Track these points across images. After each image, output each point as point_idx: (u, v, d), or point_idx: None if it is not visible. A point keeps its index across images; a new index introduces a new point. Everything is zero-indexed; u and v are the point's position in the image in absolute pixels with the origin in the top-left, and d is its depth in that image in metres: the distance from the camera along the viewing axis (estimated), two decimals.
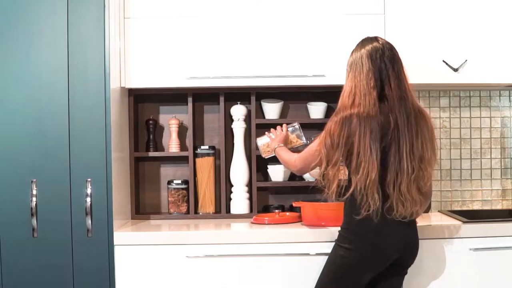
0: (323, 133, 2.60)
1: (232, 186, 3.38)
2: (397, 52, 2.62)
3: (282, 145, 3.05)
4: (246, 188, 3.36)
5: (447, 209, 3.47)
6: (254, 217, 3.18)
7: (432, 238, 2.89)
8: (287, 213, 3.23)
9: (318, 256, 2.79)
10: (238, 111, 3.35)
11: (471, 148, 3.52)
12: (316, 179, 2.63)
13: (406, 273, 2.71)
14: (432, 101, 3.50)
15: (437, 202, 3.50)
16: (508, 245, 2.89)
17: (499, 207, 3.52)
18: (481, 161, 3.53)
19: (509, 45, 3.15)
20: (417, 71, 3.06)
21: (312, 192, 2.68)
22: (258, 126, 3.33)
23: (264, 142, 3.19)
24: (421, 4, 3.14)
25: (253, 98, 3.33)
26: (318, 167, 2.68)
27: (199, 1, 3.13)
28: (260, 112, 3.44)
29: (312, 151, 2.70)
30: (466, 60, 3.13)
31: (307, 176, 3.30)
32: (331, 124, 2.57)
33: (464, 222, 2.98)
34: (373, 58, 2.58)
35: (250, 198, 3.37)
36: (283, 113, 3.45)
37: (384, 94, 2.56)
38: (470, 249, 2.89)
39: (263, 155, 3.20)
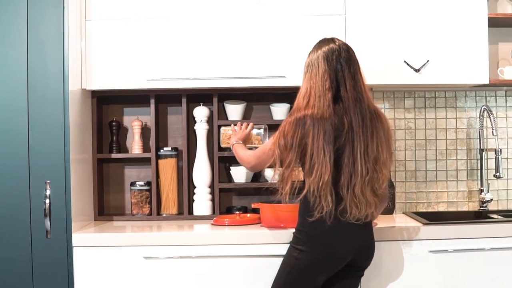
0: (277, 133, 2.59)
1: (195, 187, 3.37)
2: (354, 53, 2.61)
3: (241, 142, 3.05)
4: (208, 190, 3.36)
5: (411, 211, 3.46)
6: (214, 218, 3.17)
7: (391, 240, 2.87)
8: (248, 215, 3.21)
9: (277, 258, 2.74)
10: (201, 113, 3.34)
11: (436, 149, 3.51)
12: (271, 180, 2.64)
13: (362, 274, 2.70)
14: (397, 102, 3.49)
15: (402, 203, 3.48)
16: (467, 248, 2.87)
17: (465, 208, 3.50)
18: (446, 162, 3.51)
19: (470, 47, 3.13)
20: (379, 71, 3.09)
21: (270, 193, 2.66)
22: (221, 127, 3.31)
23: (227, 133, 3.23)
24: (382, 4, 3.12)
25: (215, 100, 3.31)
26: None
27: (160, 4, 3.12)
28: (224, 113, 3.43)
29: (266, 149, 2.70)
30: (427, 61, 3.11)
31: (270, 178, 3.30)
32: (285, 124, 2.57)
33: (424, 224, 2.96)
34: (329, 59, 2.56)
35: (213, 199, 3.36)
36: (246, 114, 3.44)
37: (339, 96, 2.54)
38: (430, 251, 2.87)
39: (222, 145, 3.22)
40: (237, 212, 3.24)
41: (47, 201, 2.86)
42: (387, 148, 2.59)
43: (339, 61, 2.56)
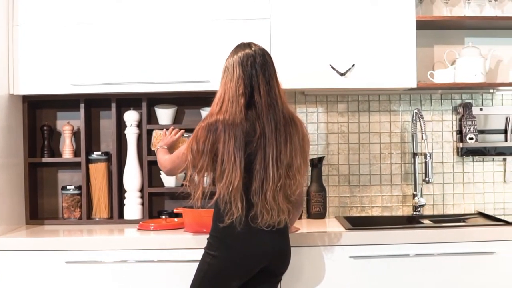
0: (190, 139, 2.59)
1: (125, 191, 3.37)
2: (270, 59, 2.59)
3: (166, 147, 3.04)
4: (139, 194, 3.36)
5: (344, 215, 3.43)
6: (140, 223, 3.17)
7: (312, 245, 2.86)
8: (175, 219, 3.22)
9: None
10: (130, 117, 3.35)
11: (370, 153, 3.48)
12: (182, 184, 2.62)
13: (279, 280, 2.69)
14: (330, 105, 3.46)
15: (336, 208, 3.46)
16: (388, 253, 2.85)
17: (399, 213, 3.47)
18: (380, 167, 3.48)
19: (397, 50, 3.10)
20: (305, 75, 3.08)
21: (182, 198, 2.66)
22: (150, 132, 3.29)
23: (159, 137, 3.20)
24: (307, 8, 3.10)
25: (144, 104, 3.31)
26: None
27: (87, 10, 3.12)
28: (156, 118, 3.42)
29: (180, 154, 2.69)
30: (353, 65, 3.09)
31: None
32: (198, 129, 2.55)
33: (346, 229, 2.95)
34: (244, 64, 2.55)
35: (144, 203, 3.36)
36: (178, 119, 3.44)
37: (253, 101, 2.53)
38: (350, 257, 2.85)
39: (152, 147, 3.20)
40: (163, 216, 3.25)
41: None
42: (302, 154, 2.57)
43: (254, 67, 2.55)
